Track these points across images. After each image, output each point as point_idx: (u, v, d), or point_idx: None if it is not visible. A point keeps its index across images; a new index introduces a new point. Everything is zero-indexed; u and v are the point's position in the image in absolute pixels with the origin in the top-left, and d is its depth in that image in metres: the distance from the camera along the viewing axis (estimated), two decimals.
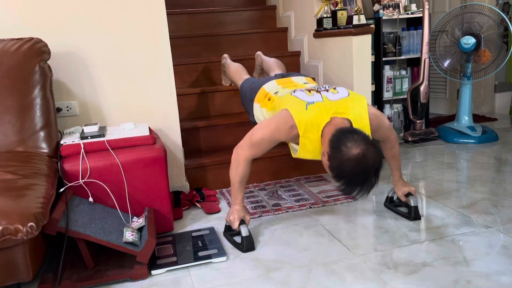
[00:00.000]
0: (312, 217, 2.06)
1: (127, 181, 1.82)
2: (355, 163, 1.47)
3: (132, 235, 1.63)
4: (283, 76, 2.17)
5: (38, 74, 1.85)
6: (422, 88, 3.19)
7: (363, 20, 2.65)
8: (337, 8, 2.78)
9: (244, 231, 1.77)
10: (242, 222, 1.81)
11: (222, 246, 1.79)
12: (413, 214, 1.94)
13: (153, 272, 1.64)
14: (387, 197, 2.12)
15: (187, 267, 1.67)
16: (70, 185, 1.73)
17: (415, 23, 3.45)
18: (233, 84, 2.55)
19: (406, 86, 3.49)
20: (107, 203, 1.81)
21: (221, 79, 2.97)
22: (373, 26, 2.52)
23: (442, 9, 4.00)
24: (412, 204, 1.95)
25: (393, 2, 3.29)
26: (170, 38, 2.30)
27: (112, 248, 1.59)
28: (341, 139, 1.51)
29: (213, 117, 2.77)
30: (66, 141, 1.84)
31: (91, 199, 1.77)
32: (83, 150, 1.80)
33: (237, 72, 2.47)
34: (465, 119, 3.24)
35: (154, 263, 1.68)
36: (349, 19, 2.71)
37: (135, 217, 1.81)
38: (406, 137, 3.25)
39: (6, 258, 1.33)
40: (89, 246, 1.63)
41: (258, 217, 2.10)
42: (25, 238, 1.28)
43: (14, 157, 1.68)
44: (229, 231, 1.90)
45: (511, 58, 3.65)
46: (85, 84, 2.19)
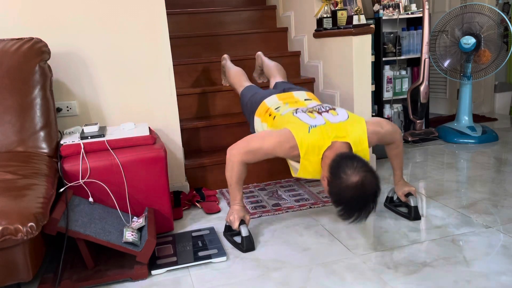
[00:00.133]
0: (312, 217, 2.06)
1: (127, 181, 1.82)
2: (354, 191, 1.50)
3: (132, 235, 1.63)
4: (284, 90, 2.19)
5: (38, 74, 1.85)
6: (422, 88, 3.19)
7: (363, 20, 2.65)
8: (337, 8, 2.78)
9: (244, 231, 1.77)
10: (242, 222, 1.81)
11: (222, 246, 1.79)
12: (413, 214, 1.94)
13: (153, 272, 1.64)
14: (387, 197, 2.12)
15: (187, 267, 1.67)
16: (70, 185, 1.73)
17: (415, 23, 3.45)
18: (233, 89, 2.56)
19: (406, 86, 3.49)
20: (107, 203, 1.81)
21: (221, 79, 2.97)
22: (373, 26, 2.52)
23: (442, 9, 4.00)
24: (412, 204, 1.95)
25: (393, 2, 3.29)
26: (170, 38, 2.30)
27: (112, 248, 1.60)
28: (340, 165, 1.54)
29: (213, 117, 2.77)
30: (66, 141, 1.84)
31: (91, 199, 1.77)
32: (83, 150, 1.80)
33: (237, 78, 2.47)
34: (465, 119, 3.24)
35: (154, 263, 1.68)
36: (349, 19, 2.71)
37: (135, 217, 1.81)
38: (406, 137, 3.25)
39: (6, 258, 1.33)
40: (89, 246, 1.63)
41: (258, 217, 2.10)
42: (25, 238, 1.28)
43: (14, 157, 1.68)
44: (229, 231, 1.90)
45: (511, 58, 3.65)
46: (85, 84, 2.19)
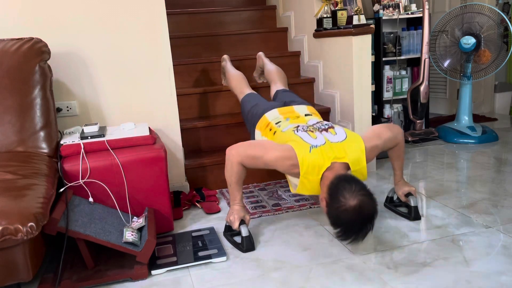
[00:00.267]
0: (312, 217, 2.06)
1: (127, 181, 1.82)
2: (352, 214, 1.52)
3: (132, 235, 1.63)
4: (285, 103, 2.21)
5: (38, 74, 1.85)
6: (422, 88, 3.19)
7: (363, 20, 2.65)
8: (337, 8, 2.78)
9: (244, 231, 1.77)
10: (242, 222, 1.81)
11: (222, 246, 1.79)
12: (413, 214, 1.94)
13: (153, 272, 1.64)
14: (387, 197, 2.12)
15: (187, 267, 1.67)
16: (70, 185, 1.73)
17: (415, 23, 3.45)
18: (233, 93, 2.56)
19: (406, 86, 3.49)
20: (107, 203, 1.81)
21: (221, 79, 2.97)
22: (373, 26, 2.52)
23: (442, 9, 4.00)
24: (412, 204, 1.95)
25: (393, 2, 3.29)
26: (170, 38, 2.30)
27: (112, 248, 1.60)
28: (339, 188, 1.56)
29: (213, 117, 2.77)
30: (66, 141, 1.84)
31: (91, 199, 1.77)
32: (83, 150, 1.80)
33: (237, 83, 2.48)
34: (465, 119, 3.24)
35: (154, 263, 1.68)
36: (349, 19, 2.71)
37: (135, 217, 1.81)
38: (406, 137, 3.25)
39: (6, 258, 1.33)
40: (89, 246, 1.63)
41: (258, 217, 2.10)
42: (25, 238, 1.28)
43: (14, 157, 1.68)
44: (229, 231, 1.90)
45: (511, 58, 3.65)
46: (85, 84, 2.19)
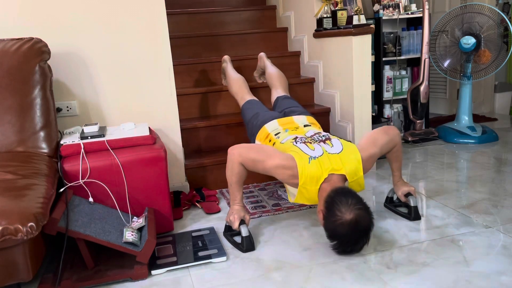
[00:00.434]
0: (312, 217, 2.06)
1: (127, 181, 1.82)
2: (348, 228, 1.56)
3: (132, 235, 1.63)
4: (285, 113, 2.23)
5: (38, 74, 1.85)
6: (422, 88, 3.19)
7: (363, 20, 2.65)
8: (337, 8, 2.78)
9: (244, 231, 1.77)
10: (242, 222, 1.81)
11: (222, 246, 1.79)
12: (413, 214, 1.94)
13: (153, 272, 1.64)
14: (387, 197, 2.12)
15: (187, 267, 1.67)
16: (70, 185, 1.73)
17: (415, 23, 3.45)
18: (233, 97, 2.56)
19: (406, 86, 3.49)
20: (107, 203, 1.81)
21: (221, 79, 2.97)
22: (373, 26, 2.52)
23: (442, 9, 4.00)
24: (412, 204, 1.95)
25: (393, 2, 3.29)
26: (170, 38, 2.30)
27: (112, 248, 1.59)
28: (335, 202, 1.59)
29: (213, 117, 2.77)
30: (66, 141, 1.84)
31: (91, 199, 1.77)
32: (83, 150, 1.80)
33: (238, 88, 2.49)
34: (465, 119, 3.24)
35: (154, 263, 1.68)
36: (349, 19, 2.71)
37: (135, 217, 1.81)
38: (406, 137, 3.25)
39: (6, 258, 1.33)
40: (89, 246, 1.63)
41: (258, 217, 2.10)
42: (25, 238, 1.28)
43: (14, 157, 1.68)
44: (229, 231, 1.90)
45: (511, 58, 3.65)
46: (85, 84, 2.19)
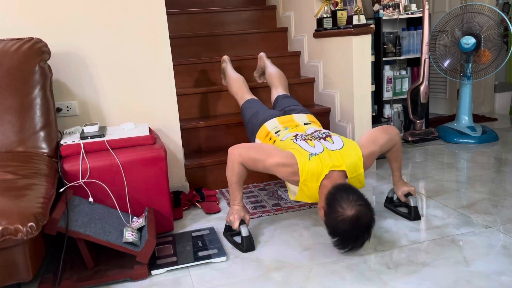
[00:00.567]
0: (312, 217, 2.06)
1: (127, 181, 1.82)
2: (349, 224, 1.55)
3: (132, 235, 1.63)
4: (285, 111, 2.22)
5: (38, 74, 1.85)
6: (422, 88, 3.19)
7: (363, 20, 2.65)
8: (337, 8, 2.78)
9: (244, 231, 1.77)
10: (242, 222, 1.81)
11: (222, 246, 1.79)
12: (413, 214, 1.94)
13: (153, 272, 1.64)
14: (387, 197, 2.12)
15: (187, 267, 1.67)
16: (70, 185, 1.73)
17: (415, 23, 3.45)
18: (233, 97, 2.56)
19: (406, 86, 3.49)
20: (107, 203, 1.81)
21: (221, 79, 2.97)
22: (373, 26, 2.51)
23: (442, 9, 4.00)
24: (412, 204, 1.95)
25: (393, 2, 3.29)
26: (170, 38, 2.30)
27: (112, 248, 1.59)
28: (336, 198, 1.58)
29: (213, 117, 2.77)
30: (66, 141, 1.84)
31: (91, 199, 1.77)
32: (83, 150, 1.80)
33: (238, 88, 2.49)
34: (465, 119, 3.24)
35: (154, 263, 1.68)
36: (349, 19, 2.71)
37: (135, 217, 1.81)
38: (406, 137, 3.25)
39: (6, 258, 1.33)
40: (89, 246, 1.63)
41: (258, 217, 2.10)
42: (25, 238, 1.28)
43: (14, 157, 1.68)
44: (229, 231, 1.90)
45: (511, 58, 3.65)
46: (85, 84, 2.19)
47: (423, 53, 3.15)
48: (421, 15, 3.30)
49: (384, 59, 3.34)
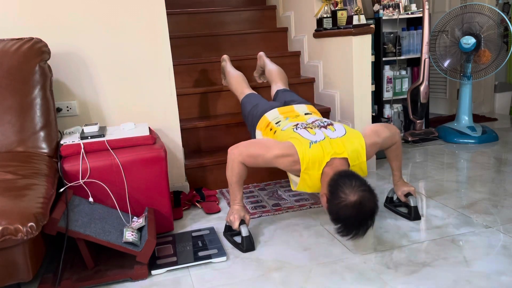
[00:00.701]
0: (312, 217, 2.06)
1: (127, 181, 1.82)
2: (353, 210, 1.52)
3: (132, 235, 1.63)
4: (285, 102, 2.22)
5: (38, 74, 1.85)
6: (422, 88, 3.19)
7: (363, 20, 2.65)
8: (337, 8, 2.78)
9: (244, 231, 1.77)
10: (242, 222, 1.81)
11: (222, 246, 1.79)
12: (413, 214, 1.94)
13: (153, 272, 1.64)
14: (387, 197, 2.12)
15: (187, 267, 1.67)
16: (70, 185, 1.73)
17: (415, 23, 3.45)
18: (233, 94, 2.56)
19: (406, 86, 3.49)
20: (107, 203, 1.81)
21: (221, 79, 2.97)
22: (373, 26, 2.51)
23: (442, 9, 4.00)
24: (412, 204, 1.95)
25: (393, 2, 3.29)
26: (170, 38, 2.30)
27: (112, 248, 1.59)
28: (339, 184, 1.56)
29: (213, 117, 2.77)
30: (66, 141, 1.84)
31: (91, 199, 1.77)
32: (83, 150, 1.80)
33: (238, 84, 2.49)
34: (465, 119, 3.24)
35: (154, 263, 1.68)
36: (349, 19, 2.71)
37: (135, 217, 1.81)
38: (406, 137, 3.25)
39: (6, 258, 1.33)
40: (89, 246, 1.63)
41: (258, 217, 2.10)
42: (25, 238, 1.28)
43: (14, 157, 1.68)
44: (229, 231, 1.90)
45: (511, 58, 3.65)
46: (85, 84, 2.19)
47: (423, 53, 3.15)
48: (421, 15, 3.30)
49: (384, 59, 3.34)
